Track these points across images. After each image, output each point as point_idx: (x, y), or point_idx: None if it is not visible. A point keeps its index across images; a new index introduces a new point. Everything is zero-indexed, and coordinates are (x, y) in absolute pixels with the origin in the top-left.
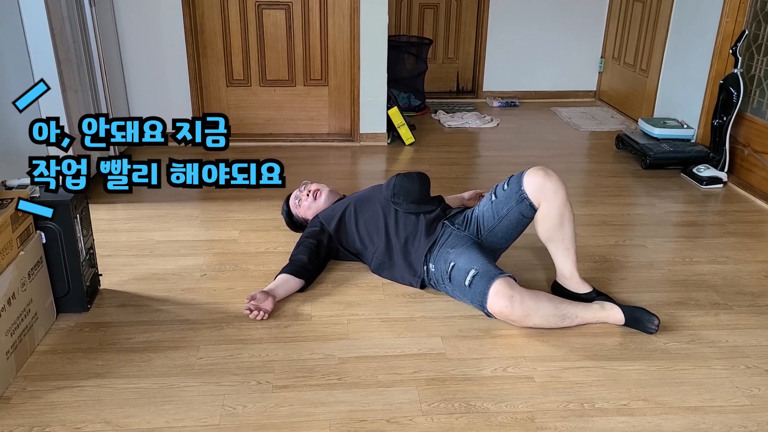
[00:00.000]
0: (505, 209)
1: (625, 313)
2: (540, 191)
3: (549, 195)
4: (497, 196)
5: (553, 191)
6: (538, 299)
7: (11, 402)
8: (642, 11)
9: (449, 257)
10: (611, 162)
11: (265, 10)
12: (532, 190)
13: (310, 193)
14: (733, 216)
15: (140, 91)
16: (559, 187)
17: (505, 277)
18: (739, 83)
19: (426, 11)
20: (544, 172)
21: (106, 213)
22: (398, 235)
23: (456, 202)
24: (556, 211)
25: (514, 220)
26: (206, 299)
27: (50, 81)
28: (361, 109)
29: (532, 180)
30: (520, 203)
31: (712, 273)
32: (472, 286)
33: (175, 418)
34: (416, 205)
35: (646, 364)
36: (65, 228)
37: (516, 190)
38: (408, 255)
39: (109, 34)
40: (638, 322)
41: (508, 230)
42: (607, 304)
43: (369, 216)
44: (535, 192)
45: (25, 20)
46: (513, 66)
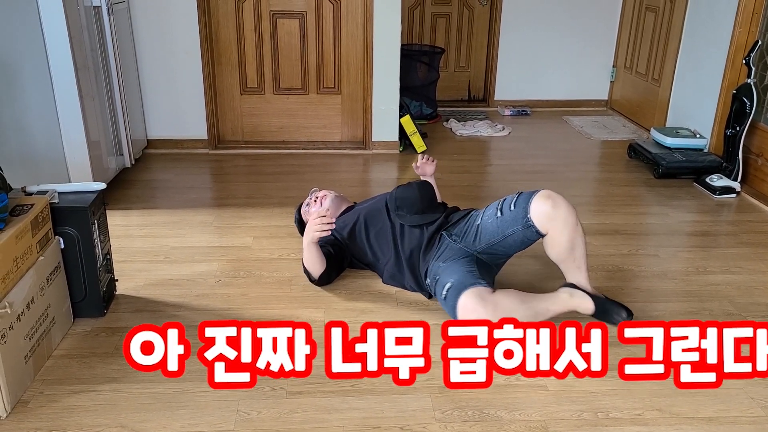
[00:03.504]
0: (510, 230)
1: (596, 303)
2: (548, 221)
3: (558, 225)
4: (503, 213)
5: (563, 221)
6: (510, 305)
7: (29, 405)
8: (654, 20)
9: (438, 271)
10: (623, 171)
11: (279, 18)
12: (539, 219)
13: (318, 199)
14: (747, 226)
15: (156, 99)
16: (569, 215)
17: (474, 288)
18: (753, 93)
19: (438, 20)
20: (552, 201)
21: (121, 219)
22: (404, 248)
23: None
24: (566, 237)
25: (519, 241)
26: (221, 305)
27: (68, 88)
28: (374, 117)
29: (539, 208)
30: (526, 229)
31: (725, 283)
32: (446, 300)
33: (190, 423)
34: (420, 215)
35: None
36: (83, 234)
37: (522, 215)
38: (414, 268)
39: (126, 42)
40: (606, 314)
41: (511, 248)
42: (577, 292)
43: (379, 229)
44: (543, 221)
45: (44, 28)
46: (525, 75)
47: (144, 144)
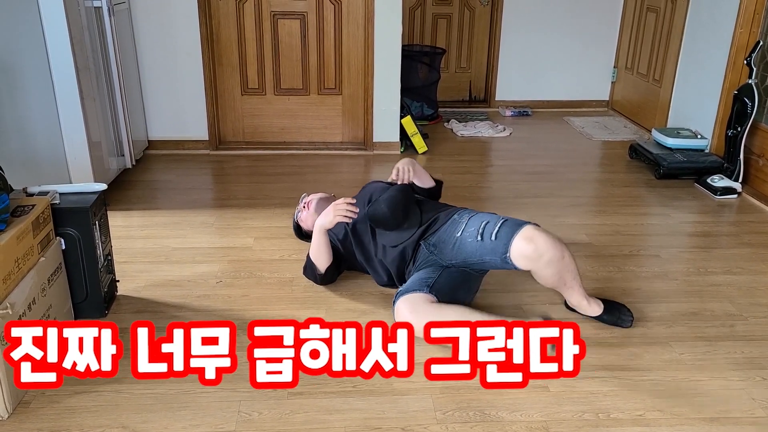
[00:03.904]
0: (488, 258)
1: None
2: (529, 263)
3: (540, 266)
4: (483, 239)
5: (545, 263)
6: (441, 313)
7: (30, 406)
8: (655, 21)
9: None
10: (624, 172)
11: (280, 19)
12: (518, 259)
13: (306, 204)
14: (748, 227)
15: (157, 100)
16: (552, 257)
17: (411, 294)
18: (754, 94)
19: (439, 21)
20: (534, 246)
21: (122, 220)
22: (388, 262)
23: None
24: (550, 273)
25: (497, 267)
26: (222, 306)
27: (69, 89)
28: (375, 117)
29: (519, 250)
30: (504, 262)
31: (727, 284)
32: (393, 304)
33: (192, 423)
34: (397, 233)
35: (661, 374)
36: (84, 234)
37: (502, 251)
38: (402, 280)
39: (127, 42)
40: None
41: (489, 268)
42: None
43: (364, 247)
44: (523, 262)
45: (45, 29)
46: (526, 75)
47: (145, 145)
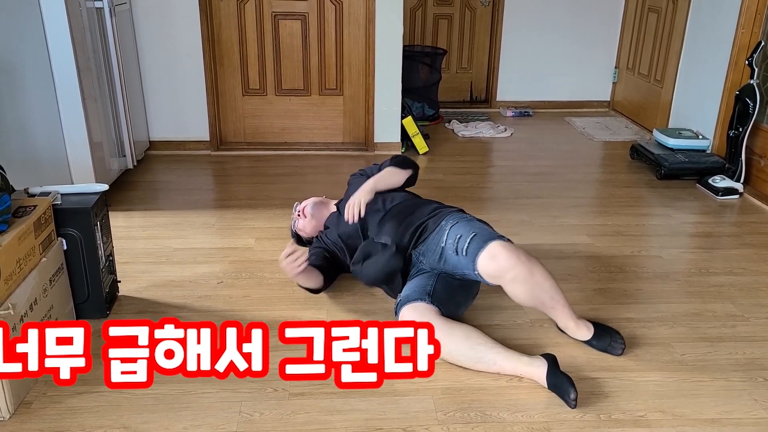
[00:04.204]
0: (467, 272)
1: (549, 378)
2: (495, 280)
3: (506, 283)
4: (458, 254)
5: (510, 280)
6: (448, 333)
7: (32, 407)
8: (657, 21)
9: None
10: (626, 172)
11: (282, 20)
12: (486, 276)
13: (301, 212)
14: (750, 227)
15: (158, 100)
16: (517, 274)
17: (416, 303)
18: (756, 94)
19: (440, 21)
20: (496, 265)
21: (123, 220)
22: None
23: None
24: (521, 291)
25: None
26: (223, 306)
27: (70, 90)
28: (376, 118)
29: (483, 268)
30: (479, 277)
31: (728, 284)
32: (396, 315)
33: (193, 424)
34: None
35: (662, 375)
36: (86, 235)
37: (472, 267)
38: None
39: (128, 43)
40: (558, 389)
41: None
42: (537, 361)
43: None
44: (490, 279)
45: (47, 30)
46: (527, 76)
47: (146, 145)
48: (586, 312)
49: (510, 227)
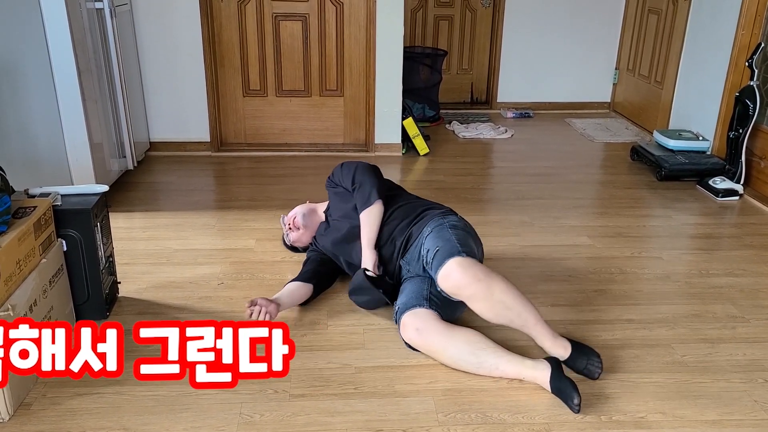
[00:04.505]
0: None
1: (552, 382)
2: (455, 296)
3: (467, 301)
4: (426, 268)
5: (468, 297)
6: (450, 338)
7: (32, 408)
8: (657, 23)
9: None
10: (626, 173)
11: (282, 21)
12: (449, 295)
13: (292, 224)
14: (750, 228)
15: (158, 101)
16: (473, 293)
17: (416, 309)
18: (756, 95)
19: (441, 22)
20: (450, 284)
21: (124, 221)
22: None
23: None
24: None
25: None
26: (223, 307)
27: (71, 91)
28: (376, 119)
29: (442, 285)
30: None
31: (729, 286)
32: (396, 321)
33: (193, 425)
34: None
35: (663, 376)
36: (86, 236)
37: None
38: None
39: (129, 44)
40: (562, 393)
41: None
42: (541, 365)
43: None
44: (454, 297)
45: (47, 31)
46: (527, 77)
47: (146, 146)
48: (585, 312)
49: (510, 228)
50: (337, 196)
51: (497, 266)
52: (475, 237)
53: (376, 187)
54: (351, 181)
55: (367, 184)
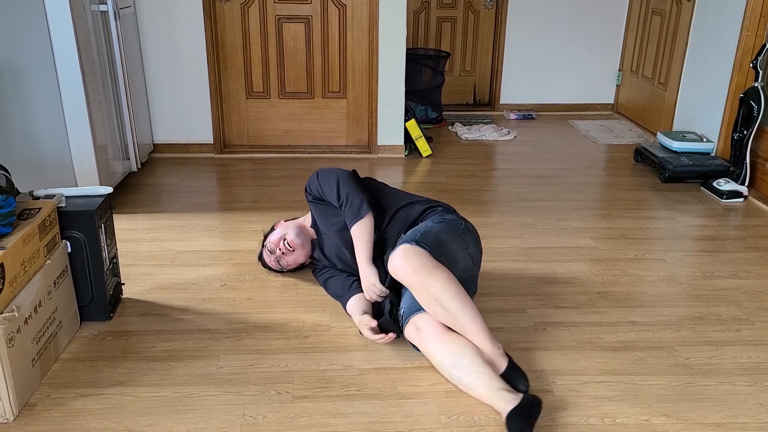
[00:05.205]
0: None
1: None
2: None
3: (411, 291)
4: None
5: (409, 287)
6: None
7: (36, 409)
8: (660, 24)
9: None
10: (629, 175)
11: (285, 23)
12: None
13: (284, 249)
14: (755, 230)
15: (162, 103)
16: (410, 283)
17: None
18: (760, 97)
19: (443, 24)
20: (392, 270)
21: (127, 223)
22: None
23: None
24: (420, 300)
25: None
26: (226, 309)
27: (75, 93)
28: (379, 121)
29: (390, 271)
30: None
31: (733, 288)
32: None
33: (196, 426)
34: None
35: (667, 379)
36: (90, 237)
37: None
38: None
39: (133, 46)
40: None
41: None
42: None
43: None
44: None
45: (52, 33)
46: (530, 79)
47: (150, 148)
48: (588, 315)
49: (513, 230)
50: (321, 209)
51: (500, 268)
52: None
53: (365, 199)
54: (336, 197)
55: (356, 197)
